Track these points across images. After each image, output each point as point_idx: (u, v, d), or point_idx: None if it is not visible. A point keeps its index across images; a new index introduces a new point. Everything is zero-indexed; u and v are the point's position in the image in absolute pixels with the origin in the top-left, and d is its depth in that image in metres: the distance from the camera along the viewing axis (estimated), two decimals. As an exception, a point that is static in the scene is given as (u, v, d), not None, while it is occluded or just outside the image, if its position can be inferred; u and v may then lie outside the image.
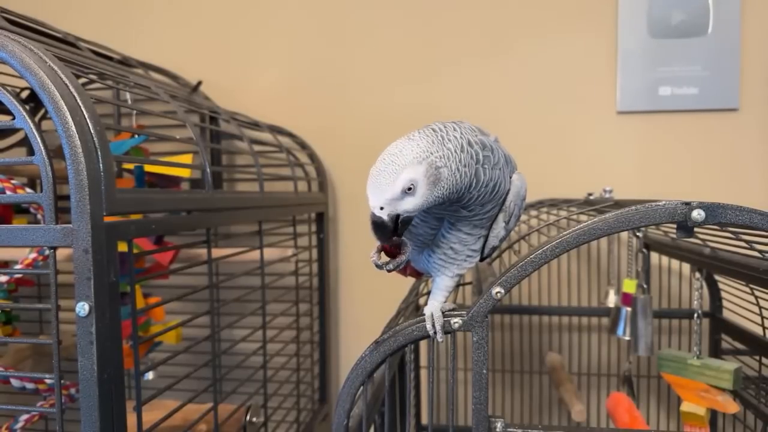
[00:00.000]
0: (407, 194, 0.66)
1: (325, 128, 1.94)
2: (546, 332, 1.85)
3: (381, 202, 0.67)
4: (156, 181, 1.33)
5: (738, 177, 1.75)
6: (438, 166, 0.67)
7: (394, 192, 0.66)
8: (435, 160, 0.67)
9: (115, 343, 0.76)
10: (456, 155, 0.69)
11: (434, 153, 0.67)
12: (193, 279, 1.66)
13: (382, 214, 0.68)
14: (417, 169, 0.66)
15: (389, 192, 0.66)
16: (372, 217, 0.69)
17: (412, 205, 0.67)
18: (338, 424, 0.78)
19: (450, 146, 0.69)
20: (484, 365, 0.71)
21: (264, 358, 1.37)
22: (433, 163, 0.67)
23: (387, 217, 0.68)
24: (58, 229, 0.72)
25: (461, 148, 0.69)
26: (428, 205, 0.69)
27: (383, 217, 0.68)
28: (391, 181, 0.66)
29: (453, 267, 0.81)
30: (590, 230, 0.69)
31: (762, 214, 0.66)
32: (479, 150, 0.71)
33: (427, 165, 0.66)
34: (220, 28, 1.99)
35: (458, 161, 0.69)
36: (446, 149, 0.68)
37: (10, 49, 0.75)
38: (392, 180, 0.66)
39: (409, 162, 0.66)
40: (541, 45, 1.82)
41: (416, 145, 0.67)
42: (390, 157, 0.67)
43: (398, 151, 0.67)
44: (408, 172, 0.66)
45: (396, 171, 0.66)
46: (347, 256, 1.98)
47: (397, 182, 0.66)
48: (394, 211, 0.68)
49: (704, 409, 1.22)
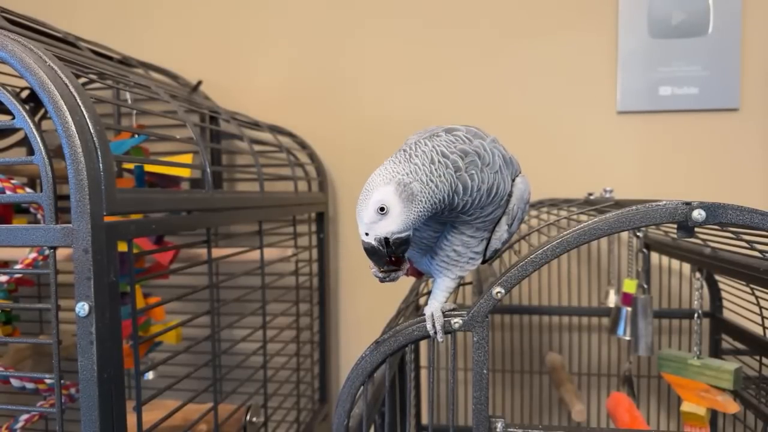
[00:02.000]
0: (382, 215, 0.69)
1: (325, 128, 1.93)
2: (546, 332, 1.85)
3: (364, 228, 0.71)
4: (156, 181, 1.32)
5: (738, 177, 1.75)
6: (406, 182, 0.69)
7: (369, 215, 0.70)
8: (402, 177, 0.70)
9: (115, 343, 0.76)
10: (424, 168, 0.71)
11: (401, 172, 0.70)
12: (193, 279, 1.66)
13: (369, 240, 0.71)
14: (385, 190, 0.69)
15: (366, 216, 0.70)
16: (363, 245, 0.72)
17: (395, 225, 0.70)
18: (338, 424, 0.78)
19: (417, 161, 0.71)
20: (485, 365, 0.71)
21: (264, 358, 1.37)
22: (401, 181, 0.70)
23: (375, 241, 0.71)
24: (58, 229, 0.72)
25: (431, 160, 0.71)
26: (418, 221, 0.71)
27: (371, 242, 0.71)
28: (365, 206, 0.70)
29: (455, 269, 0.82)
30: (591, 230, 0.69)
31: (762, 214, 0.66)
32: (457, 159, 0.72)
33: (396, 184, 0.69)
34: (220, 28, 1.99)
35: (429, 173, 0.71)
36: (413, 165, 0.71)
37: (10, 48, 0.75)
38: (366, 205, 0.70)
39: (377, 184, 0.70)
40: (541, 45, 1.82)
41: (384, 170, 0.71)
42: (365, 187, 0.71)
43: (371, 179, 0.71)
44: (376, 194, 0.69)
45: (368, 197, 0.70)
46: (347, 256, 1.98)
47: (369, 205, 0.69)
48: (379, 234, 0.70)
49: (704, 409, 1.22)
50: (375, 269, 0.76)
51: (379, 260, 0.73)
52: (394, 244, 0.71)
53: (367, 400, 0.78)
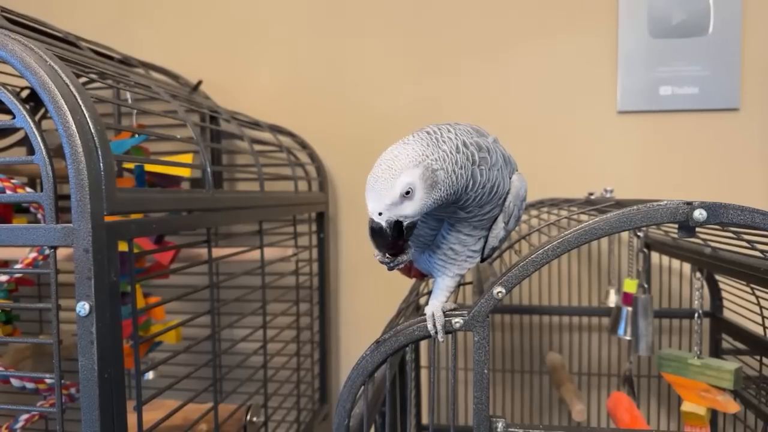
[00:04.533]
0: (406, 198, 0.66)
1: (325, 128, 1.93)
2: (547, 332, 1.85)
3: (380, 208, 0.67)
4: (156, 181, 1.32)
5: (738, 177, 1.75)
6: (434, 168, 0.67)
7: (393, 197, 0.66)
8: (431, 162, 0.67)
9: (116, 343, 0.76)
10: (452, 156, 0.68)
11: (430, 156, 0.67)
12: (194, 279, 1.65)
13: (380, 220, 0.67)
14: (414, 173, 0.66)
15: (388, 197, 0.66)
16: (370, 224, 0.68)
17: (412, 209, 0.67)
18: (339, 424, 0.77)
19: (445, 148, 0.68)
20: (485, 365, 0.71)
21: (264, 358, 1.37)
22: (429, 166, 0.67)
23: (386, 222, 0.67)
24: (59, 229, 0.72)
25: (456, 149, 0.69)
26: (428, 209, 0.69)
27: (382, 222, 0.67)
28: (389, 186, 0.65)
29: (453, 267, 0.81)
30: (592, 230, 0.69)
31: (763, 214, 0.66)
32: (475, 151, 0.71)
33: (424, 168, 0.66)
34: (220, 28, 1.99)
35: (454, 163, 0.68)
36: (441, 151, 0.68)
37: (10, 48, 0.75)
38: (390, 185, 0.65)
39: (405, 166, 0.66)
40: (541, 45, 1.82)
41: (412, 149, 0.67)
42: (386, 163, 0.66)
43: (394, 156, 0.67)
44: (405, 176, 0.65)
45: (393, 176, 0.65)
46: (347, 256, 1.98)
47: (396, 187, 0.65)
48: (394, 217, 0.67)
49: (705, 409, 1.22)
50: (380, 255, 0.73)
51: (382, 243, 0.69)
52: (406, 228, 0.68)
53: (367, 400, 0.78)
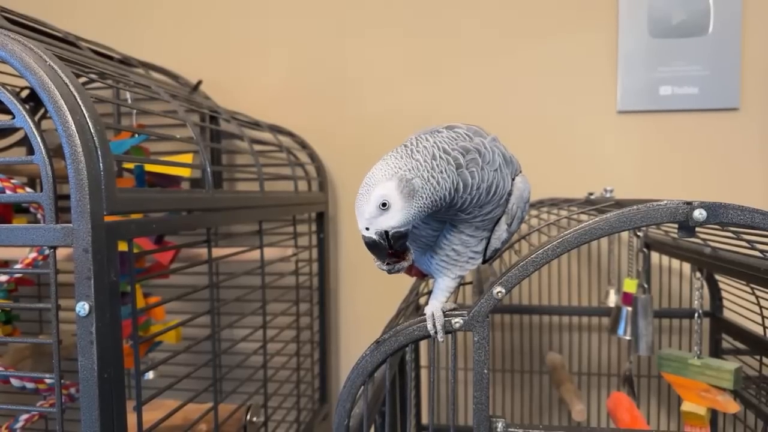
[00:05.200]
0: (383, 210, 0.70)
1: (325, 128, 1.93)
2: (546, 332, 1.85)
3: (364, 223, 0.71)
4: (156, 181, 1.32)
5: (738, 177, 1.75)
6: (408, 178, 0.69)
7: (370, 211, 0.70)
8: (404, 173, 0.70)
9: (116, 343, 0.76)
10: (426, 164, 0.71)
11: (402, 167, 0.70)
12: (194, 279, 1.66)
13: (369, 234, 0.71)
14: (388, 185, 0.69)
15: (366, 212, 0.70)
16: (363, 239, 0.72)
17: (395, 220, 0.70)
18: (339, 424, 0.77)
19: (418, 157, 0.71)
20: (485, 365, 0.71)
21: (264, 358, 1.37)
22: (403, 176, 0.69)
23: (375, 235, 0.71)
24: (58, 229, 0.72)
25: (432, 156, 0.71)
26: (418, 217, 0.71)
27: (372, 236, 0.71)
28: (366, 201, 0.70)
29: (455, 269, 0.82)
30: (592, 230, 0.69)
31: (763, 214, 0.66)
32: (459, 155, 0.72)
33: (398, 180, 0.69)
34: (220, 28, 1.98)
35: (430, 169, 0.70)
36: (414, 161, 0.71)
37: (10, 48, 0.75)
38: (366, 200, 0.70)
39: (379, 180, 0.70)
40: (541, 45, 1.82)
41: (386, 165, 0.71)
42: (366, 180, 0.71)
43: (372, 173, 0.71)
44: (378, 189, 0.69)
45: (369, 191, 0.70)
46: (347, 256, 1.98)
47: (371, 200, 0.69)
48: (379, 229, 0.71)
49: (705, 409, 1.22)
50: (379, 262, 0.76)
51: (381, 254, 0.73)
52: (393, 239, 0.71)
53: (367, 399, 0.78)
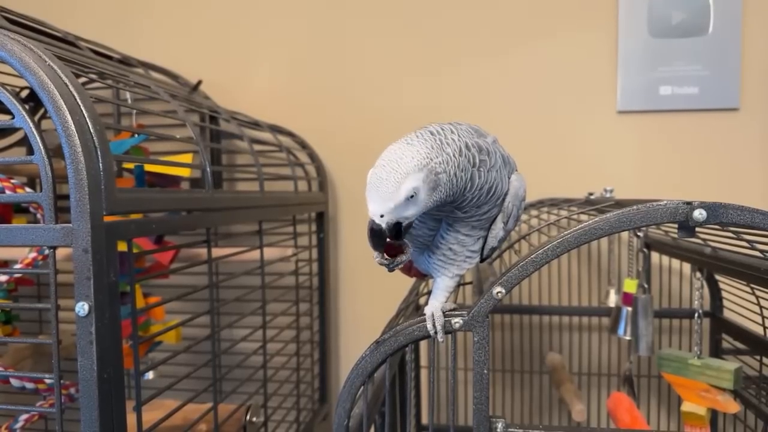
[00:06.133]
0: (410, 202, 0.65)
1: (325, 128, 1.93)
2: (546, 332, 1.85)
3: (383, 210, 0.66)
4: (156, 181, 1.32)
5: (738, 177, 1.75)
6: (437, 171, 0.66)
7: (397, 201, 0.65)
8: (435, 166, 0.66)
9: (115, 343, 0.76)
10: (455, 160, 0.68)
11: (434, 159, 0.66)
12: (193, 279, 1.65)
13: (381, 222, 0.66)
14: (418, 176, 0.65)
15: (392, 201, 0.65)
16: (370, 224, 0.67)
17: (412, 211, 0.67)
18: (339, 424, 0.77)
19: (449, 150, 0.68)
20: (485, 365, 0.71)
21: (264, 358, 1.37)
22: (432, 169, 0.66)
23: (386, 225, 0.66)
24: (58, 229, 0.72)
25: (459, 152, 0.69)
26: (427, 209, 0.69)
27: (382, 225, 0.66)
28: (395, 190, 0.64)
29: (453, 267, 0.81)
30: (592, 230, 0.69)
31: (764, 214, 0.66)
32: (476, 153, 0.71)
33: (428, 171, 0.65)
34: (220, 28, 1.98)
35: (456, 166, 0.68)
36: (445, 154, 0.67)
37: (9, 48, 0.75)
38: (395, 188, 0.64)
39: (411, 169, 0.64)
40: (541, 44, 1.82)
41: (416, 152, 0.66)
42: (390, 164, 0.65)
43: (398, 157, 0.65)
44: (411, 180, 0.64)
45: (398, 179, 0.64)
46: (347, 256, 1.98)
47: (401, 191, 0.64)
48: (395, 219, 0.66)
49: (705, 409, 1.22)
50: (379, 257, 0.71)
51: (378, 244, 0.68)
52: (404, 229, 0.68)
53: (367, 400, 0.78)
